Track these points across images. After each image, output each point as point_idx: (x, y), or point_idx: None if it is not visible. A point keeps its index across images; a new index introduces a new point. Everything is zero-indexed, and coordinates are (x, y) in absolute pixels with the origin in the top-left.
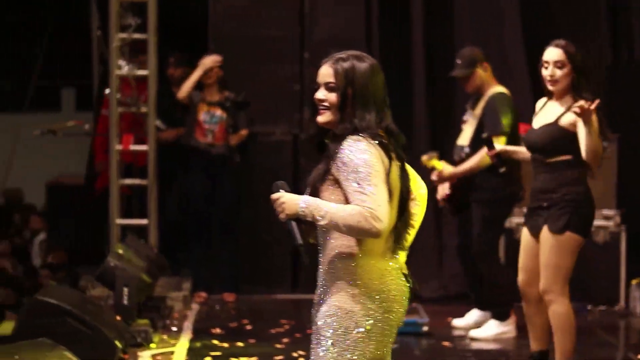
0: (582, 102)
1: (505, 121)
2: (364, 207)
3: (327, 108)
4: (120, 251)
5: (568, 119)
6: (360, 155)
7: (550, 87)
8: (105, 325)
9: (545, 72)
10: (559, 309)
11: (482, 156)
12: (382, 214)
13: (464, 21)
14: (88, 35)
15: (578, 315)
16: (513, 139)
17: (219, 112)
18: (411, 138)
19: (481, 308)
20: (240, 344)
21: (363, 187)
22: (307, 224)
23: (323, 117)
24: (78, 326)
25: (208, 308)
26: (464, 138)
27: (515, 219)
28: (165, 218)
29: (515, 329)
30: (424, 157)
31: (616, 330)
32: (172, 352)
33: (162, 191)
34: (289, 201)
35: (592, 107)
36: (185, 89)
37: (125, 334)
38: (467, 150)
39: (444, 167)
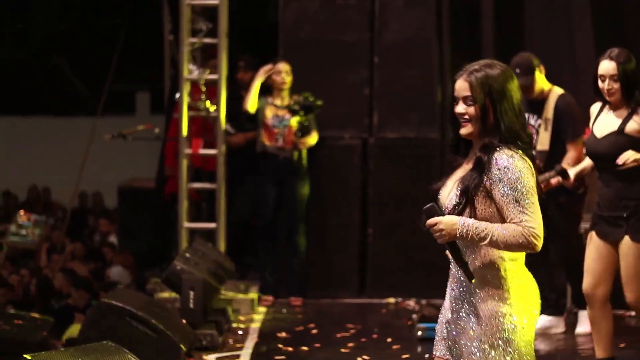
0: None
1: (580, 123)
2: (525, 226)
3: (468, 120)
4: (187, 255)
5: (632, 126)
6: (516, 172)
7: (609, 99)
8: (170, 328)
9: (603, 85)
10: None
11: (571, 161)
12: (540, 230)
13: (535, 21)
14: (161, 39)
15: None
16: None
17: (287, 116)
18: None
19: (548, 313)
20: (305, 348)
21: (522, 205)
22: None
23: (465, 130)
24: (143, 329)
25: (274, 312)
26: (543, 143)
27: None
28: (233, 222)
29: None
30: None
31: None
32: (237, 356)
33: (231, 195)
34: (447, 227)
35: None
36: (252, 102)
37: (191, 337)
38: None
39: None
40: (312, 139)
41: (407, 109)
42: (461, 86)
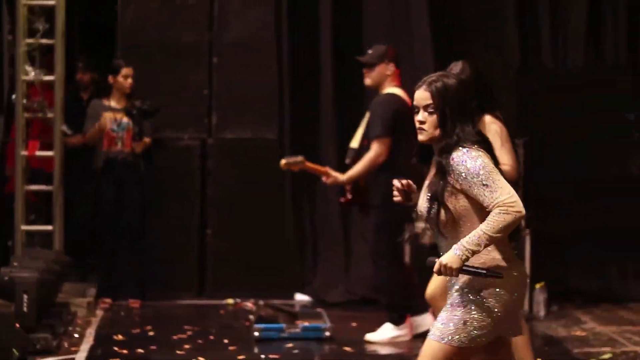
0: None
1: (386, 124)
2: (499, 204)
3: (427, 128)
4: (16, 262)
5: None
6: (474, 161)
7: None
8: (3, 333)
9: None
10: None
11: (367, 160)
12: (514, 198)
13: (373, 24)
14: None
15: None
16: None
17: (125, 120)
18: (318, 138)
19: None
20: (140, 350)
21: (489, 185)
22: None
23: (424, 137)
24: None
25: (112, 314)
26: (356, 140)
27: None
28: (72, 224)
29: (410, 333)
30: (283, 162)
31: None
32: (72, 359)
33: (71, 197)
34: (450, 262)
35: None
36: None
37: (25, 342)
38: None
39: (328, 170)
40: (147, 142)
41: (246, 110)
42: (422, 96)
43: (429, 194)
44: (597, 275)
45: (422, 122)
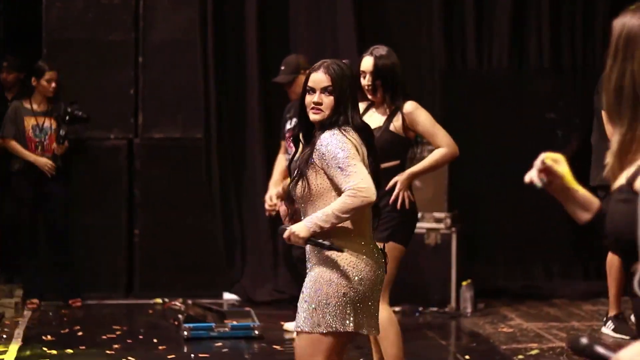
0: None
1: None
2: (349, 189)
3: (322, 110)
4: None
5: (397, 123)
6: (334, 144)
7: (370, 96)
8: None
9: (364, 82)
10: (384, 313)
11: None
12: (365, 184)
13: (299, 23)
14: None
15: (409, 318)
16: None
17: (47, 123)
18: (245, 137)
19: None
20: (69, 350)
21: (344, 168)
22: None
23: (318, 116)
24: None
25: (40, 315)
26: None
27: None
28: None
29: None
30: None
31: (447, 331)
32: None
33: None
34: (298, 230)
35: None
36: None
37: None
38: None
39: None
40: (66, 145)
41: (173, 109)
42: (321, 78)
43: (297, 166)
44: (522, 272)
45: (318, 103)
